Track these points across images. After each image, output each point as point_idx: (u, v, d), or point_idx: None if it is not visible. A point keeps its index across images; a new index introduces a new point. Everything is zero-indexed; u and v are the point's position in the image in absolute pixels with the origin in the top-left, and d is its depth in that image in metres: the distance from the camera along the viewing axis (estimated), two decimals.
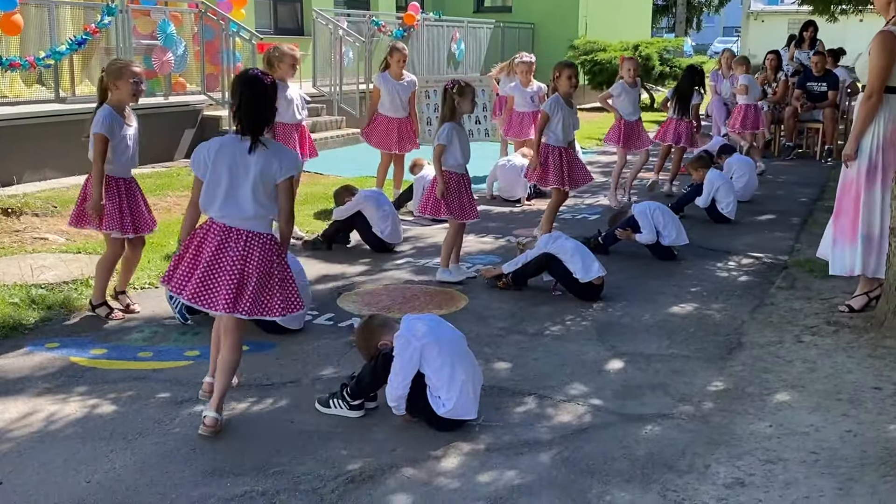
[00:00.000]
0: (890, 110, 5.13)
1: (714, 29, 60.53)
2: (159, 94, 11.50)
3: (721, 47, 48.09)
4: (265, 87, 3.75)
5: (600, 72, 20.33)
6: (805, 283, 6.23)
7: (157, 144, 11.14)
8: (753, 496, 3.31)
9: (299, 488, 3.37)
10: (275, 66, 7.13)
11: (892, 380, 4.41)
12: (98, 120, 5.00)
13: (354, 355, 4.75)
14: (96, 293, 5.37)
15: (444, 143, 6.01)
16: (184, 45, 11.51)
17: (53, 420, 3.93)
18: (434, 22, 17.75)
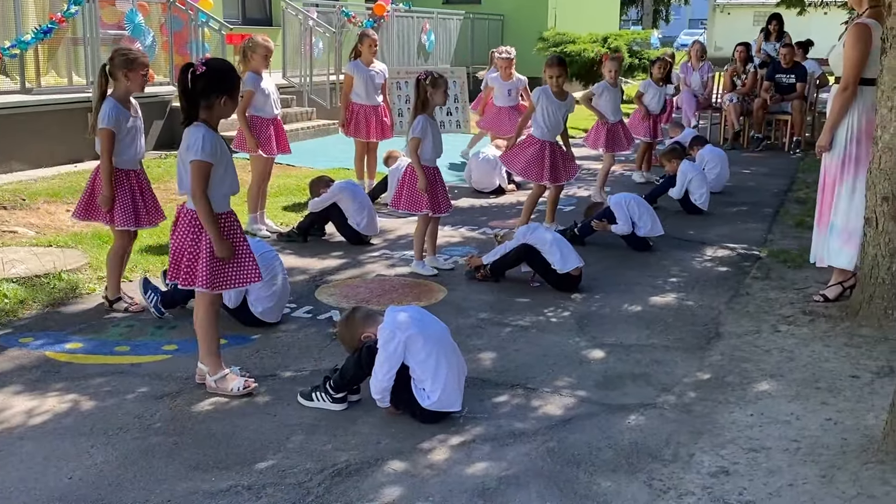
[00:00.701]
0: (864, 102, 5.19)
1: (680, 21, 60.93)
2: None
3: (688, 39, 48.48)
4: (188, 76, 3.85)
5: (570, 63, 20.36)
6: (779, 273, 6.29)
7: None
8: (738, 484, 3.33)
9: (285, 482, 3.34)
10: (248, 58, 7.09)
11: (868, 368, 4.47)
12: (104, 114, 4.93)
13: (335, 348, 4.74)
14: (111, 289, 5.29)
15: (419, 136, 5.99)
16: (152, 35, 11.36)
17: (31, 416, 3.87)
18: (404, 13, 17.67)
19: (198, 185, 3.85)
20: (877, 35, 5.04)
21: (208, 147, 3.83)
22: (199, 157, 3.83)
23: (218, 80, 3.86)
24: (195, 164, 3.84)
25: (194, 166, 3.84)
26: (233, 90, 3.93)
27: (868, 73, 5.13)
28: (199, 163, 3.84)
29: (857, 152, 5.24)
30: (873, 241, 4.96)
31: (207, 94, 3.84)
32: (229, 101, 3.91)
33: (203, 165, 3.84)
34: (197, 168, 3.84)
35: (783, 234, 7.61)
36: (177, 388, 4.19)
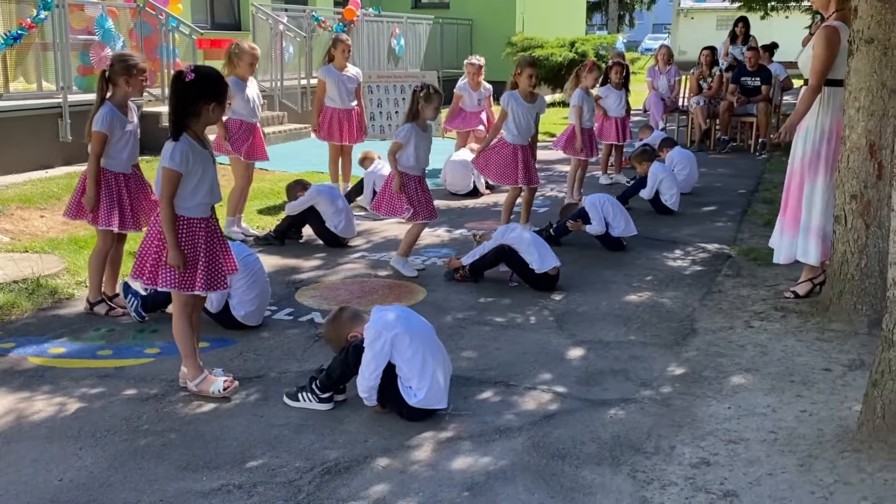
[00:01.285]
0: (833, 103, 5.32)
1: (644, 26, 61.49)
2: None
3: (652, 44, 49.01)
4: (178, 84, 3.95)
5: (538, 68, 20.54)
6: (750, 270, 6.43)
7: None
8: (719, 475, 3.42)
9: (275, 480, 3.38)
10: (234, 63, 7.10)
11: (840, 361, 4.59)
12: (99, 118, 4.96)
13: (318, 349, 4.79)
14: (92, 290, 5.30)
15: (401, 142, 6.05)
16: (122, 41, 11.32)
17: (18, 420, 3.87)
18: (374, 17, 17.72)
19: (163, 190, 3.95)
20: (844, 37, 5.18)
21: (178, 157, 3.91)
22: (166, 165, 3.93)
23: (206, 87, 3.93)
24: (163, 171, 3.94)
25: (163, 173, 3.94)
26: (221, 97, 4.00)
27: (836, 74, 5.26)
28: (167, 170, 3.93)
29: (825, 152, 5.37)
30: (842, 239, 5.09)
31: (196, 100, 3.91)
32: (217, 107, 3.99)
33: (171, 174, 3.93)
34: (164, 175, 3.94)
35: (752, 233, 7.76)
36: (162, 390, 4.21)
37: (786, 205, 5.58)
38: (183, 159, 3.92)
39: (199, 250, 4.04)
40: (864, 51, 4.88)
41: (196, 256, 4.04)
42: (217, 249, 4.12)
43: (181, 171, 3.92)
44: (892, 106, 4.88)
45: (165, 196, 3.94)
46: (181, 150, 3.92)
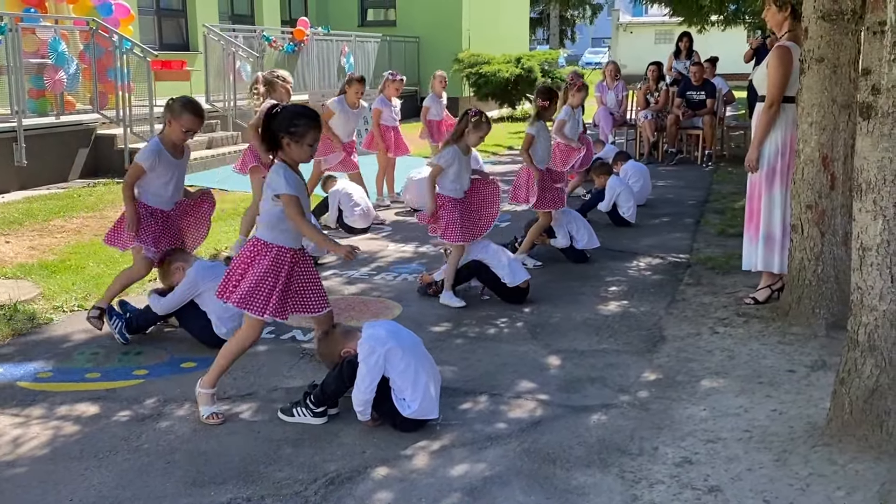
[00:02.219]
0: (786, 119, 5.62)
1: (584, 40, 62.48)
2: (51, 114, 11.23)
3: (592, 58, 49.91)
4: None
5: (485, 83, 20.90)
6: (709, 279, 6.70)
7: (51, 165, 10.90)
8: (702, 472, 3.64)
9: (282, 493, 3.51)
10: (274, 88, 7.11)
11: (803, 363, 4.86)
12: (143, 150, 5.04)
13: (304, 365, 4.92)
14: (105, 298, 5.32)
15: (442, 166, 6.05)
16: (76, 64, 11.29)
17: (17, 444, 3.93)
18: (323, 36, 17.85)
19: (294, 215, 4.02)
20: (796, 56, 5.48)
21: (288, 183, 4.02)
22: (285, 192, 4.00)
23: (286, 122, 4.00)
24: (284, 198, 4.00)
25: (284, 200, 4.00)
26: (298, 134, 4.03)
27: (788, 91, 5.56)
28: (287, 196, 4.00)
29: (780, 165, 5.66)
30: (799, 247, 5.38)
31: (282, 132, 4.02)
32: (295, 144, 4.03)
33: (292, 199, 4.01)
34: (286, 201, 4.00)
35: (707, 242, 8.06)
36: (157, 410, 4.30)
37: (749, 215, 5.85)
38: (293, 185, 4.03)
39: (279, 279, 4.08)
40: (815, 69, 5.18)
41: (275, 284, 4.06)
42: (303, 282, 4.21)
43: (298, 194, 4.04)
44: (842, 121, 5.19)
45: (298, 218, 4.03)
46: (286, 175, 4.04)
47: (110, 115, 11.79)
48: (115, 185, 10.64)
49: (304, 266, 4.22)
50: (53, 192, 10.25)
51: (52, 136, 11.05)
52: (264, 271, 4.05)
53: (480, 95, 21.10)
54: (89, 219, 8.70)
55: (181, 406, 4.34)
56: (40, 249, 7.38)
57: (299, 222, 4.02)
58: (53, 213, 8.87)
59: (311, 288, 4.22)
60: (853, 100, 5.20)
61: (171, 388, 4.58)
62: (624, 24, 42.74)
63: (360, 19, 23.06)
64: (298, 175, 4.13)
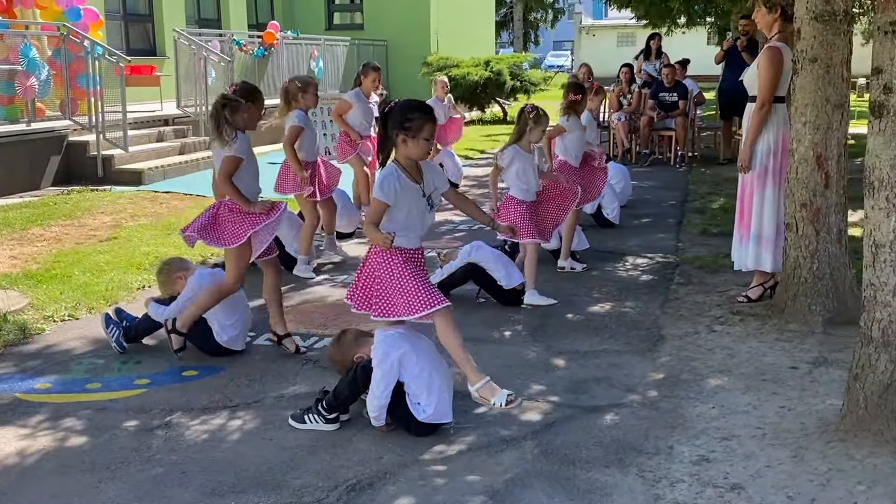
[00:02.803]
0: (778, 118, 5.69)
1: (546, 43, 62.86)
2: (22, 121, 11.04)
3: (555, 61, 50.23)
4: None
5: (455, 87, 20.89)
6: (699, 278, 6.76)
7: (22, 173, 10.73)
8: (721, 470, 3.66)
9: (304, 500, 3.47)
10: (301, 97, 6.94)
11: (804, 360, 4.91)
12: (240, 143, 4.92)
13: (308, 372, 4.88)
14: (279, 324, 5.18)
15: (503, 167, 6.13)
16: (47, 69, 11.11)
17: (24, 457, 3.85)
18: (293, 40, 17.75)
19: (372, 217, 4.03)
20: (787, 57, 5.55)
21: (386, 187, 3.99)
22: (376, 196, 4.02)
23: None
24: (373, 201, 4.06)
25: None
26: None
27: (781, 91, 5.63)
28: (375, 201, 4.03)
29: (773, 165, 5.73)
30: (794, 245, 5.44)
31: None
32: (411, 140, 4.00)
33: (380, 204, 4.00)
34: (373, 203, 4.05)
35: (691, 242, 8.13)
36: (164, 420, 4.23)
37: (741, 214, 5.91)
38: (391, 190, 3.98)
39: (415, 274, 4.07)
40: (808, 69, 5.25)
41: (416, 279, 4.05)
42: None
43: (389, 202, 3.98)
44: (835, 120, 5.27)
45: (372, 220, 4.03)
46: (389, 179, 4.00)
47: (82, 122, 11.61)
48: (90, 192, 10.50)
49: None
50: (27, 200, 10.07)
51: (23, 144, 10.88)
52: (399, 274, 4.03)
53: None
54: (68, 227, 8.56)
55: (188, 415, 4.28)
56: (22, 258, 7.25)
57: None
58: (30, 221, 8.71)
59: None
60: (846, 99, 5.30)
61: (176, 397, 4.52)
62: (586, 28, 43.05)
63: (326, 23, 22.99)
64: (415, 174, 4.08)
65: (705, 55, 17.84)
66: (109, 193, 10.44)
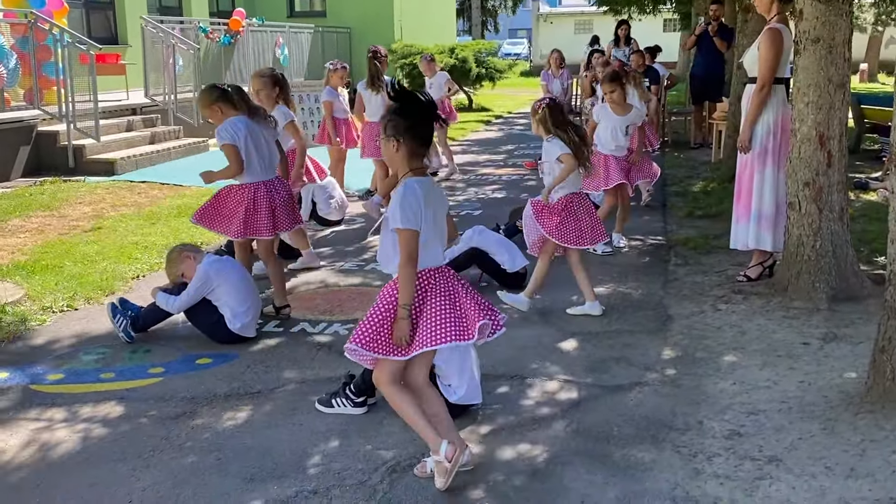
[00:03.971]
0: (777, 99, 5.76)
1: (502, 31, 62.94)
2: None
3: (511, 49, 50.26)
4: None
5: (420, 74, 20.81)
6: (694, 259, 6.83)
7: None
8: (755, 443, 3.71)
9: (346, 483, 3.45)
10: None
11: (814, 335, 4.99)
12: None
13: (325, 357, 4.85)
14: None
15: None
16: (15, 58, 10.85)
17: (51, 448, 3.77)
18: (258, 28, 17.54)
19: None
20: (787, 38, 5.62)
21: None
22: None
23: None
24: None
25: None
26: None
27: (780, 72, 5.70)
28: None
29: (772, 145, 5.79)
30: (797, 223, 5.52)
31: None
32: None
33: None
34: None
35: (678, 224, 8.20)
36: (187, 408, 4.17)
37: (739, 194, 5.97)
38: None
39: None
40: (810, 49, 5.32)
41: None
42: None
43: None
44: (837, 99, 5.35)
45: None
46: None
47: (52, 112, 11.36)
48: (63, 182, 10.30)
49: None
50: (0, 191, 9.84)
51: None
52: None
53: (415, 86, 21.01)
54: (48, 218, 8.38)
55: (210, 403, 4.23)
56: (8, 250, 7.08)
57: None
58: (8, 212, 8.52)
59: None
60: (847, 79, 5.37)
61: (194, 385, 4.46)
62: (544, 15, 43.14)
63: (288, 10, 22.77)
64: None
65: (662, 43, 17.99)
66: (84, 184, 10.24)
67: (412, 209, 3.26)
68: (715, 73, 13.13)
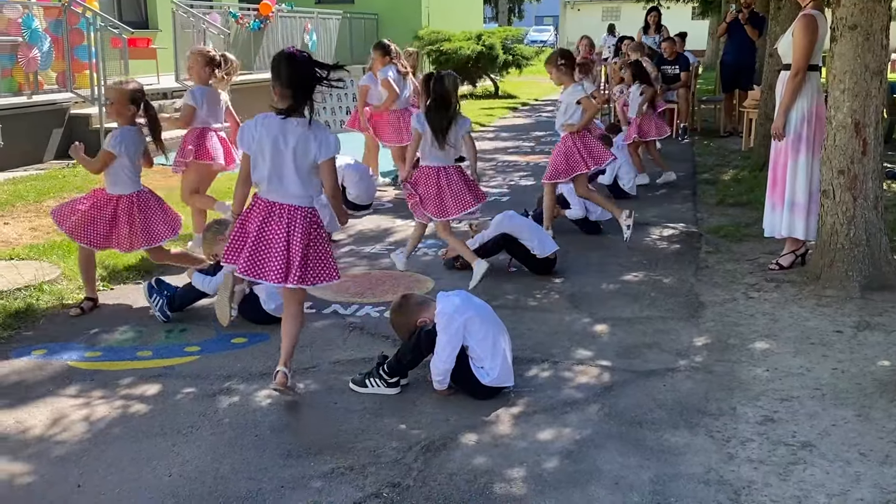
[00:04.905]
0: (812, 86, 5.72)
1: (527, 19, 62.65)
2: (25, 94, 10.88)
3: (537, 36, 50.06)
4: (302, 62, 3.96)
5: (446, 61, 20.83)
6: (726, 247, 6.81)
7: (25, 146, 10.58)
8: (788, 429, 3.72)
9: (381, 461, 3.49)
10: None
11: (846, 324, 4.98)
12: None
13: (356, 337, 4.90)
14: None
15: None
16: (49, 41, 10.96)
17: (92, 423, 3.84)
18: (287, 13, 17.60)
19: (332, 179, 4.08)
20: (822, 25, 5.58)
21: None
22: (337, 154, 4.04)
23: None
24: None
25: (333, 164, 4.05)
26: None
27: (815, 59, 5.66)
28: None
29: (806, 132, 5.76)
30: (831, 211, 5.50)
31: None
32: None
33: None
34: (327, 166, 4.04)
35: (709, 212, 8.18)
36: (224, 386, 4.23)
37: (773, 182, 5.95)
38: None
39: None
40: (847, 36, 5.29)
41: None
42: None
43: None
44: (874, 87, 5.31)
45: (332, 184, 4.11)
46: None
47: (85, 95, 11.46)
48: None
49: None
50: (32, 173, 9.96)
51: (26, 117, 10.72)
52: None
53: None
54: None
55: (246, 381, 4.29)
56: (42, 230, 7.18)
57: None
58: (42, 193, 8.63)
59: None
60: (884, 66, 5.33)
61: (230, 363, 4.52)
62: (571, 2, 42.91)
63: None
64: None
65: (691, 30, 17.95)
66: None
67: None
68: (745, 62, 13.03)
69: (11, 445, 3.63)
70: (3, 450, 3.59)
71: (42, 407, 4.00)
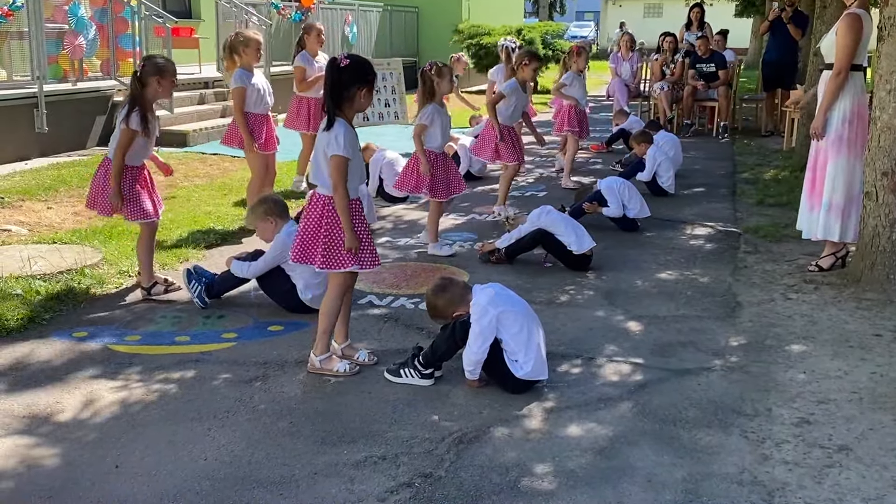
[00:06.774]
0: (854, 86, 5.64)
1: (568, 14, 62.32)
2: (70, 81, 11.05)
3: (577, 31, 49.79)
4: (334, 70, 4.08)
5: (485, 55, 20.80)
6: (765, 247, 6.75)
7: (69, 132, 10.74)
8: (824, 432, 3.68)
9: (414, 451, 3.51)
10: (240, 53, 7.00)
11: (886, 328, 4.92)
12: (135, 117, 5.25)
13: (391, 328, 4.93)
14: (144, 276, 5.45)
15: (426, 123, 6.24)
16: (94, 29, 11.11)
17: (129, 405, 3.90)
18: (328, 5, 17.67)
19: (338, 177, 4.05)
20: (867, 24, 5.50)
21: (346, 142, 4.03)
22: (339, 153, 4.02)
23: (359, 72, 4.07)
24: (336, 159, 4.03)
25: (335, 161, 4.03)
26: (371, 83, 4.12)
27: (858, 59, 5.58)
28: (339, 157, 4.03)
29: (847, 133, 5.68)
30: (873, 213, 5.42)
31: (349, 85, 4.04)
32: (367, 93, 4.10)
33: (342, 160, 4.04)
34: (336, 163, 4.03)
35: (748, 212, 8.10)
36: (260, 372, 4.28)
37: (812, 183, 5.88)
38: (350, 143, 4.06)
39: (360, 230, 4.18)
40: (895, 36, 5.20)
41: (360, 236, 4.17)
42: (363, 230, 4.25)
43: (349, 155, 4.07)
44: None
45: (341, 182, 4.05)
46: (347, 135, 4.06)
47: (128, 82, 11.57)
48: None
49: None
50: (76, 158, 10.11)
51: (70, 103, 10.88)
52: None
53: (480, 67, 20.99)
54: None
55: (282, 368, 4.33)
56: (85, 215, 7.29)
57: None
58: (85, 179, 8.71)
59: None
60: None
61: (266, 350, 4.57)
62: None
63: None
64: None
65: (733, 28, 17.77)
66: (157, 153, 10.42)
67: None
68: (788, 61, 12.86)
69: (51, 426, 3.70)
70: (43, 430, 3.66)
71: (81, 388, 4.07)
